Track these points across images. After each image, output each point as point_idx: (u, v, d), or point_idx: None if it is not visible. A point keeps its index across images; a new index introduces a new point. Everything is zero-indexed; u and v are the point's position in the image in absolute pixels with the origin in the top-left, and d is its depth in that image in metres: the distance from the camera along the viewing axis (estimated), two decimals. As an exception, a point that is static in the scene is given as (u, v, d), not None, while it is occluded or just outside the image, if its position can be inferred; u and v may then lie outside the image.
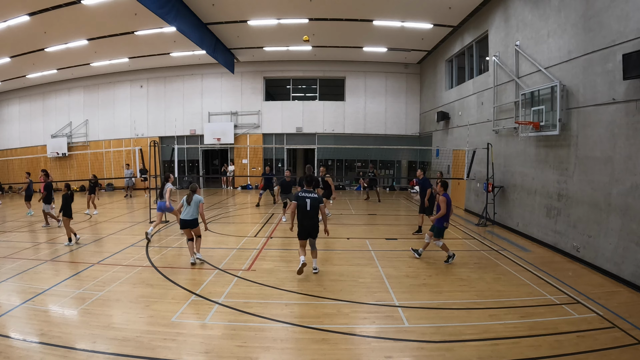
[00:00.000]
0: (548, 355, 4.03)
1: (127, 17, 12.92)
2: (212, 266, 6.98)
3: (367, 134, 20.57)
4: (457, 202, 14.28)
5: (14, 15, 12.28)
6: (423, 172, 10.13)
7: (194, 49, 16.65)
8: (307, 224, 6.42)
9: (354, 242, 8.89)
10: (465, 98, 13.85)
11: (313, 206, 6.40)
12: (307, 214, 6.41)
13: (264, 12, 13.43)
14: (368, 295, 5.63)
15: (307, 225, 6.43)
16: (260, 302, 5.36)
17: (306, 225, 6.43)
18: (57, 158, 21.78)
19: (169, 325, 4.64)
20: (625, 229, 6.19)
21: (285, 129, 20.72)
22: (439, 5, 12.44)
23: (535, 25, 9.09)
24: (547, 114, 8.23)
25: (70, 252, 7.99)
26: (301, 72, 20.65)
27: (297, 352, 4.13)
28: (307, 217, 6.41)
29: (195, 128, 21.03)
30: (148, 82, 21.30)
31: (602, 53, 6.78)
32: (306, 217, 6.42)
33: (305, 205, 6.39)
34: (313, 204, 6.40)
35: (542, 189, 8.80)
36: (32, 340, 4.27)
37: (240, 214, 12.74)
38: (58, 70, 19.46)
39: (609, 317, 4.88)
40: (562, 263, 7.38)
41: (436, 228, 7.34)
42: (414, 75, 20.47)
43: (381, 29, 14.85)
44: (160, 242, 8.96)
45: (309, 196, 6.43)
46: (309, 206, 6.38)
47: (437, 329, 4.60)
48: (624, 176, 6.27)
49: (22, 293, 5.70)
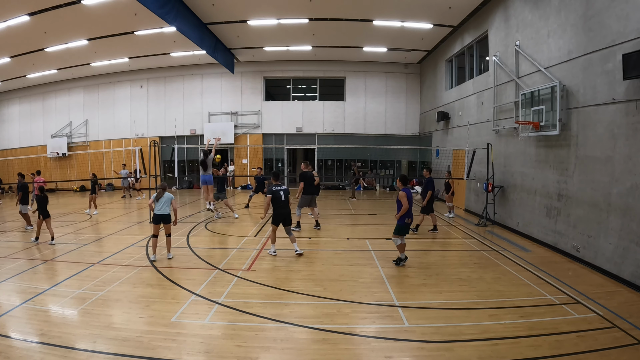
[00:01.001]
0: (548, 355, 4.02)
1: (127, 17, 12.92)
2: (212, 266, 6.98)
3: (367, 134, 20.57)
4: (457, 202, 14.28)
5: (14, 15, 12.28)
6: (429, 172, 9.97)
7: (194, 49, 16.65)
8: (283, 212, 7.45)
9: (354, 242, 8.89)
10: (465, 98, 13.85)
11: (286, 196, 7.47)
12: (282, 204, 7.42)
13: (264, 12, 13.43)
14: (368, 295, 5.63)
15: (283, 213, 7.46)
16: (260, 302, 5.36)
17: (282, 213, 7.45)
18: (57, 158, 21.78)
19: (169, 325, 4.64)
20: (625, 229, 6.19)
21: (285, 129, 20.72)
22: (439, 5, 12.44)
23: (535, 25, 9.08)
24: (547, 114, 8.22)
25: (70, 252, 7.99)
26: (301, 72, 20.65)
27: (297, 352, 4.13)
28: (282, 206, 7.42)
29: (195, 128, 21.03)
30: (148, 82, 21.30)
31: (602, 53, 6.78)
32: (281, 207, 7.42)
33: (280, 197, 7.38)
34: (286, 194, 7.47)
35: (542, 189, 8.80)
36: (32, 340, 4.27)
37: (240, 214, 12.74)
38: (58, 70, 19.47)
39: (609, 317, 4.88)
40: (562, 263, 7.37)
41: (397, 224, 6.96)
42: (414, 75, 20.47)
43: (381, 29, 14.85)
44: (161, 242, 8.94)
45: (282, 188, 7.47)
46: (283, 197, 7.41)
47: (437, 329, 4.60)
48: (624, 176, 6.27)
49: (22, 293, 5.70)
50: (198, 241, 8.97)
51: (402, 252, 7.05)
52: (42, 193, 8.95)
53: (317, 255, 7.77)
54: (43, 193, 8.96)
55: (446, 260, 7.78)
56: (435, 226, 9.98)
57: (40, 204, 8.87)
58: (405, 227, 7.01)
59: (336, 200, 16.36)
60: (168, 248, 7.58)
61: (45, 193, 9.05)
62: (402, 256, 7.04)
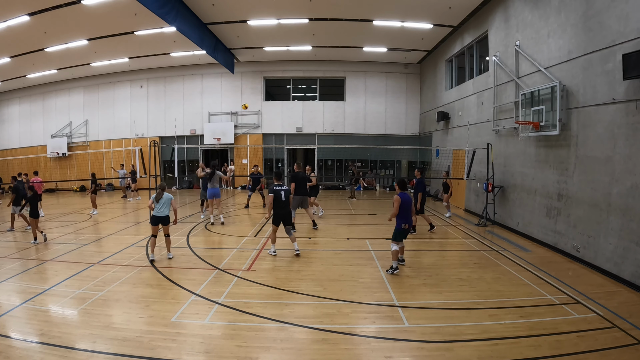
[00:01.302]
0: (548, 355, 4.02)
1: (127, 17, 12.92)
2: (212, 266, 6.98)
3: (367, 134, 20.57)
4: (457, 202, 14.29)
5: (14, 15, 12.28)
6: (420, 173, 9.75)
7: (194, 49, 16.64)
8: (282, 212, 7.45)
9: (354, 242, 8.89)
10: (465, 98, 13.85)
11: (287, 196, 7.49)
12: (282, 204, 7.43)
13: (264, 12, 13.43)
14: (368, 295, 5.63)
15: (283, 213, 7.46)
16: (260, 302, 5.36)
17: (282, 213, 7.45)
18: (57, 158, 21.78)
19: (169, 325, 4.64)
20: (625, 229, 6.19)
21: (285, 129, 20.72)
22: (439, 5, 12.44)
23: (535, 25, 9.08)
24: (547, 114, 8.22)
25: (70, 252, 7.99)
26: (301, 72, 20.65)
27: (297, 352, 4.13)
28: (282, 206, 7.43)
29: (195, 128, 21.02)
30: (148, 82, 21.30)
31: (602, 53, 6.78)
32: (281, 207, 7.43)
33: (280, 197, 7.39)
34: (287, 194, 7.50)
35: (542, 189, 8.80)
36: (32, 340, 4.27)
37: (240, 214, 12.74)
38: (58, 70, 19.46)
39: (609, 317, 4.88)
40: (562, 263, 7.37)
41: (394, 229, 6.67)
42: (414, 75, 20.47)
43: (381, 29, 14.85)
44: (160, 242, 8.95)
45: (283, 188, 7.50)
46: (283, 197, 7.42)
47: (437, 329, 4.60)
48: (624, 176, 6.27)
49: (22, 293, 5.70)
50: (198, 241, 8.97)
51: (394, 260, 6.55)
52: (33, 192, 8.95)
53: (317, 255, 7.77)
54: (34, 192, 8.96)
55: (446, 260, 7.79)
56: (432, 224, 9.98)
57: (31, 204, 8.88)
58: (402, 232, 6.60)
59: (336, 200, 16.36)
60: (168, 248, 7.61)
61: (36, 192, 9.04)
62: (394, 265, 6.55)
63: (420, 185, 9.66)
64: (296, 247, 7.65)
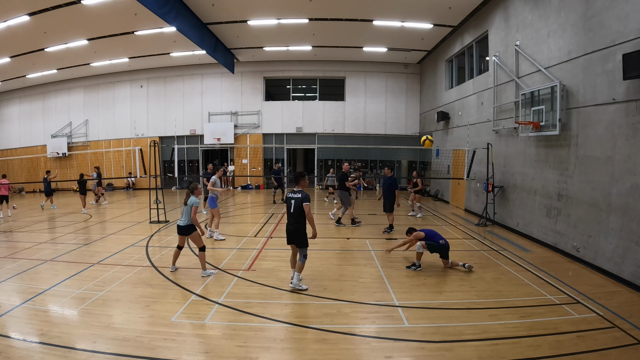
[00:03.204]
0: (548, 355, 4.02)
1: (127, 17, 12.93)
2: (212, 266, 6.98)
3: (367, 134, 20.57)
4: (457, 202, 14.28)
5: (14, 15, 12.29)
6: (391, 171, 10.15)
7: (194, 49, 16.65)
8: (288, 229, 5.78)
9: (354, 242, 8.89)
10: (465, 98, 13.85)
11: (296, 207, 5.62)
12: (289, 217, 5.76)
13: (264, 12, 13.43)
14: (368, 295, 5.63)
15: (288, 230, 5.77)
16: (260, 302, 5.36)
17: (288, 229, 5.78)
18: (57, 158, 21.78)
19: (169, 325, 4.64)
20: (625, 229, 6.19)
21: (285, 129, 20.72)
22: (439, 5, 12.44)
23: (535, 25, 9.08)
24: (547, 114, 8.23)
25: (70, 252, 7.99)
26: (301, 72, 20.65)
27: (297, 352, 4.13)
28: (289, 220, 5.77)
29: (195, 128, 21.03)
30: (148, 82, 21.30)
31: (602, 53, 6.78)
32: (288, 221, 5.79)
33: (289, 207, 5.73)
34: (296, 205, 5.63)
35: (542, 189, 8.80)
36: (32, 340, 4.27)
37: (240, 214, 12.74)
38: (58, 70, 19.47)
39: (609, 317, 4.88)
40: (562, 263, 7.37)
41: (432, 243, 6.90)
42: (414, 75, 20.47)
43: (381, 29, 14.85)
44: (161, 242, 8.96)
45: (294, 197, 5.69)
46: (292, 208, 5.67)
47: (437, 329, 4.60)
48: (624, 176, 6.27)
49: (22, 293, 5.70)
50: (198, 241, 8.96)
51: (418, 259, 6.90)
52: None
53: (317, 255, 7.77)
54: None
55: (446, 260, 7.78)
56: (392, 225, 9.99)
57: None
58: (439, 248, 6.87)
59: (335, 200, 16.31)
60: (202, 265, 6.44)
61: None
62: (417, 262, 6.90)
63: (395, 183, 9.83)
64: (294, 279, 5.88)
